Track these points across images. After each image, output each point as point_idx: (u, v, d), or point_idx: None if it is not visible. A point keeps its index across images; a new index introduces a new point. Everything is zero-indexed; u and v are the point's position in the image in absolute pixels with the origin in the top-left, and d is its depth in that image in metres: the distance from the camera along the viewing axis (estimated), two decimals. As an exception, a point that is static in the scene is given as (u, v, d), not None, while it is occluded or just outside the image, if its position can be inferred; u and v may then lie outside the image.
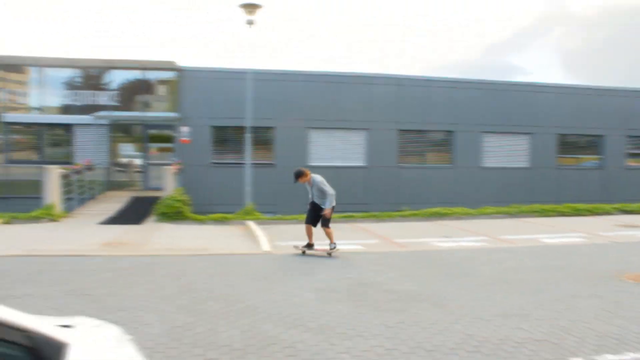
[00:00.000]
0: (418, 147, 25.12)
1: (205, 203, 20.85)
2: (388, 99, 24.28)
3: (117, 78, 23.73)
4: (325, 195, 10.95)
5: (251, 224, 15.13)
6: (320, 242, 11.13)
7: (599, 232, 14.50)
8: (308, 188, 11.41)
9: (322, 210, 10.94)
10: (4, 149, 23.53)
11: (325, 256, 10.85)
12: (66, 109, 23.58)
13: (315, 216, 11.18)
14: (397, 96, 24.37)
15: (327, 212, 10.90)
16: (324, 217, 10.91)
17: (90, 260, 10.05)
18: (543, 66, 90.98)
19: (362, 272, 9.10)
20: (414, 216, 17.34)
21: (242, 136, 21.13)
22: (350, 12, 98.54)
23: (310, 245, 11.21)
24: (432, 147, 25.48)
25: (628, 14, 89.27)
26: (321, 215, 10.98)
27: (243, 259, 10.36)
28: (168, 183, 18.04)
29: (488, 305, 6.99)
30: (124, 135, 25.09)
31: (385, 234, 14.04)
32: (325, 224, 10.97)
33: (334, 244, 10.96)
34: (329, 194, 10.94)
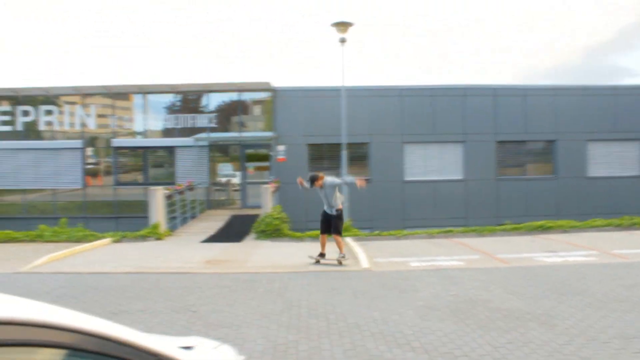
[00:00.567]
0: (517, 158, 24.30)
1: (302, 220, 21.07)
2: (484, 109, 23.71)
3: (214, 101, 24.55)
4: (334, 194, 11.46)
5: (349, 240, 15.09)
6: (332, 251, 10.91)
7: None
8: (321, 194, 11.80)
9: (333, 216, 11.57)
10: (113, 172, 24.86)
11: (337, 265, 11.53)
12: (168, 132, 24.62)
13: (328, 226, 11.71)
14: (494, 106, 23.74)
15: (339, 207, 11.60)
16: (336, 223, 11.56)
17: (194, 277, 10.34)
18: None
19: (464, 289, 8.81)
20: (516, 230, 16.68)
21: (337, 153, 21.25)
22: (440, 23, 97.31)
23: (322, 255, 11.84)
24: (532, 157, 24.55)
25: None
26: (333, 223, 11.57)
27: (343, 276, 10.31)
28: (266, 201, 18.35)
29: (603, 326, 6.54)
30: (222, 155, 25.87)
31: (486, 249, 13.58)
32: (337, 232, 11.59)
33: (343, 254, 11.65)
34: (341, 184, 11.72)
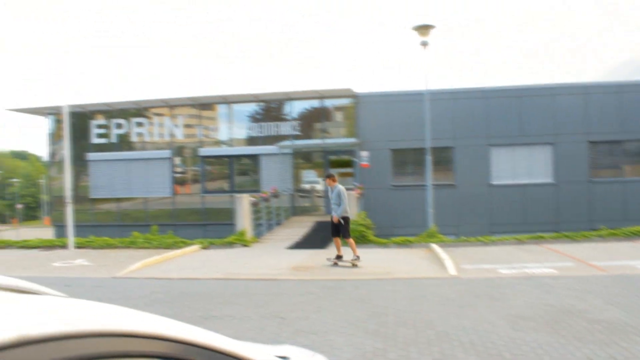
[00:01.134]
0: (612, 158, 23.10)
1: (387, 226, 20.93)
2: (575, 109, 22.74)
3: (296, 108, 24.84)
4: (340, 203, 12.39)
5: (435, 246, 14.83)
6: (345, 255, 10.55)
7: None
8: (330, 193, 12.78)
9: (344, 219, 12.46)
10: (200, 180, 25.61)
11: (351, 267, 12.25)
12: (252, 141, 25.10)
13: (337, 230, 12.64)
14: (585, 105, 22.72)
15: (334, 218, 12.47)
16: (346, 225, 12.52)
17: (281, 283, 10.44)
18: None
19: (558, 298, 8.44)
20: (613, 235, 15.85)
21: (421, 157, 20.99)
22: (522, 22, 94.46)
23: (339, 257, 12.67)
24: (629, 158, 23.24)
25: None
26: (342, 227, 12.49)
27: (429, 283, 10.13)
28: (350, 207, 18.33)
29: None
30: (305, 162, 26.12)
31: (580, 256, 12.98)
32: (347, 236, 12.56)
33: (357, 255, 12.46)
34: (342, 206, 12.39)
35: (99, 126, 26.75)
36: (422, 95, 19.38)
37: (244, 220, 17.84)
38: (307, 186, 25.81)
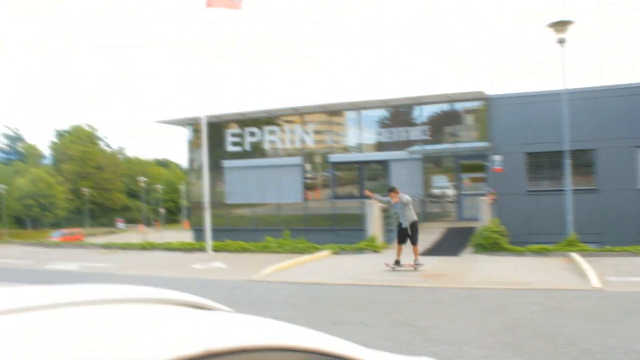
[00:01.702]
0: None
1: (521, 233, 20.04)
2: None
3: (425, 112, 24.49)
4: (405, 210, 12.81)
5: (575, 256, 13.96)
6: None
7: None
8: (395, 207, 13.23)
9: (408, 229, 12.85)
10: (330, 186, 25.96)
11: (412, 270, 12.73)
12: (381, 146, 25.07)
13: (405, 237, 13.06)
14: None
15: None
16: (416, 232, 12.92)
17: (412, 291, 10.31)
18: None
19: None
20: None
21: (558, 161, 19.91)
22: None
23: (397, 262, 13.02)
24: None
25: None
26: (411, 234, 12.90)
27: (569, 295, 9.54)
28: (483, 213, 17.77)
29: None
30: (435, 167, 25.69)
31: None
32: (414, 242, 12.98)
33: (418, 259, 13.02)
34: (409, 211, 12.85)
35: (234, 135, 27.96)
36: (560, 95, 18.35)
37: (374, 226, 17.83)
38: (438, 191, 25.35)
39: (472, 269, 13.04)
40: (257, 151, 27.56)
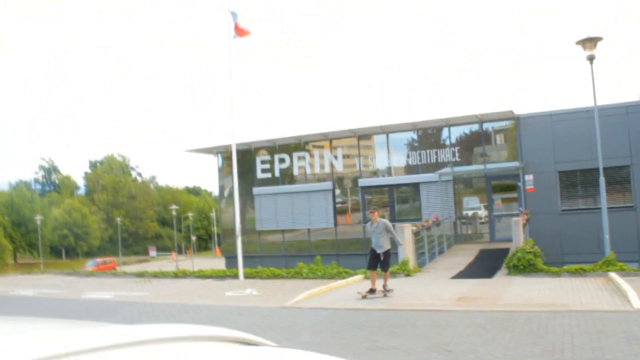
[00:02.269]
0: None
1: (556, 253, 19.71)
2: None
3: (454, 134, 24.38)
4: (383, 237, 12.45)
5: (614, 276, 13.62)
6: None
7: None
8: (371, 229, 12.80)
9: (386, 254, 12.50)
10: (361, 210, 25.89)
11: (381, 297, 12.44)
12: (411, 169, 24.99)
13: (377, 262, 12.63)
14: None
15: (407, 242, 13.85)
16: (385, 261, 12.57)
17: (446, 315, 10.17)
18: None
19: None
20: None
21: (592, 179, 19.62)
22: None
23: (372, 290, 12.64)
24: None
25: None
26: (383, 261, 12.50)
27: (610, 317, 9.29)
28: (517, 234, 17.50)
29: None
30: (466, 188, 25.48)
31: None
32: (385, 269, 12.73)
33: (387, 284, 12.70)
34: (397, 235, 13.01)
35: (263, 161, 28.14)
36: (591, 112, 18.13)
37: (406, 249, 17.70)
38: (470, 213, 25.10)
39: (507, 291, 12.82)
40: (286, 177, 27.68)
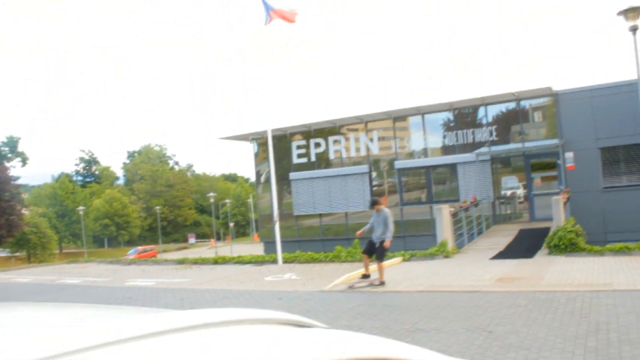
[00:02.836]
0: None
1: (598, 232, 19.31)
2: None
3: (491, 112, 23.99)
4: (387, 228, 12.15)
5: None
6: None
7: None
8: (373, 219, 12.59)
9: (382, 243, 12.15)
10: (398, 192, 25.77)
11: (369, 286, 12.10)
12: (447, 149, 24.72)
13: (372, 250, 12.45)
14: None
15: (387, 243, 12.17)
16: (383, 249, 12.20)
17: (486, 295, 10.07)
18: None
19: None
20: None
21: (636, 154, 19.12)
22: None
23: (365, 276, 12.57)
24: None
25: None
26: (377, 249, 12.21)
27: (657, 295, 9.09)
28: (557, 213, 17.19)
29: None
30: (504, 167, 25.11)
31: None
32: (380, 259, 12.24)
33: (383, 281, 12.11)
34: (390, 230, 12.18)
35: (299, 146, 28.17)
36: (634, 85, 17.59)
37: (445, 231, 17.57)
38: (508, 192, 24.74)
39: (548, 271, 12.63)
40: (322, 161, 27.68)
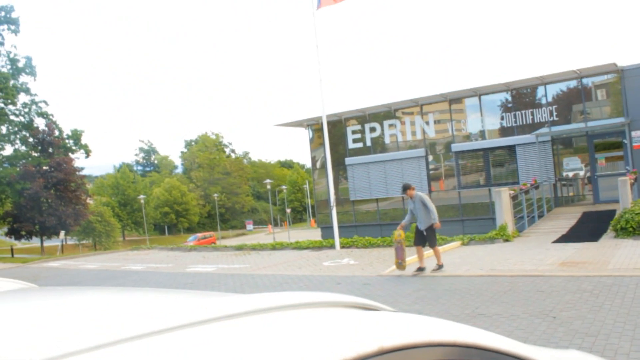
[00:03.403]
0: None
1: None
2: None
3: (550, 92, 23.30)
4: (423, 211, 11.66)
5: None
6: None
7: None
8: (410, 206, 12.05)
9: (430, 227, 11.66)
10: (455, 175, 25.41)
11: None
12: (505, 131, 24.18)
13: (422, 239, 11.90)
14: None
15: (437, 225, 11.72)
16: (433, 232, 11.72)
17: (549, 280, 9.83)
18: None
19: None
20: None
21: None
22: None
23: (420, 269, 11.90)
24: None
25: None
26: (427, 235, 11.71)
27: None
28: (624, 195, 16.58)
29: None
30: (565, 148, 24.38)
31: None
32: (433, 244, 11.84)
33: (441, 264, 11.85)
34: (433, 211, 11.63)
35: (354, 132, 28.10)
36: None
37: (504, 214, 17.23)
38: (570, 174, 24.02)
39: (615, 255, 12.21)
40: (378, 146, 27.54)
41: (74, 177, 43.93)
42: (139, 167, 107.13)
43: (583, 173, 23.69)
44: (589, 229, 16.66)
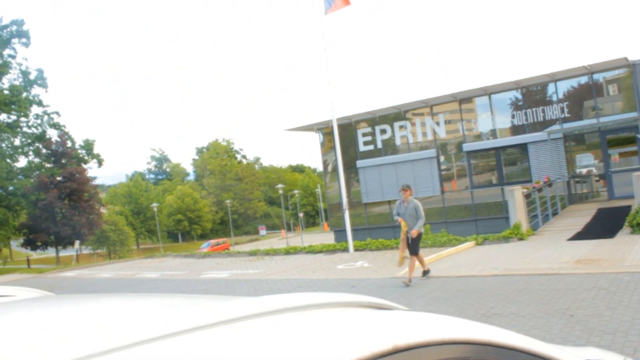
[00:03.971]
0: None
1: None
2: None
3: (561, 88, 23.16)
4: (419, 218, 11.25)
5: None
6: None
7: None
8: (401, 209, 11.60)
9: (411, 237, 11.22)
10: (468, 175, 25.31)
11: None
12: (516, 129, 24.06)
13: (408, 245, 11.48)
14: None
15: (414, 232, 11.13)
16: (414, 241, 11.18)
17: (564, 278, 9.76)
18: None
19: None
20: None
21: None
22: None
23: (425, 272, 11.67)
24: None
25: None
26: (411, 243, 11.23)
27: None
28: (639, 190, 16.44)
29: None
30: (578, 144, 24.22)
31: None
32: (414, 253, 11.21)
33: (427, 269, 11.70)
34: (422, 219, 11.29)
35: (364, 134, 28.08)
36: None
37: (518, 212, 17.14)
38: (583, 171, 23.85)
39: (632, 251, 12.09)
40: (389, 148, 27.50)
41: (87, 187, 44.28)
42: (151, 176, 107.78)
43: (597, 169, 23.51)
44: (605, 226, 16.53)
